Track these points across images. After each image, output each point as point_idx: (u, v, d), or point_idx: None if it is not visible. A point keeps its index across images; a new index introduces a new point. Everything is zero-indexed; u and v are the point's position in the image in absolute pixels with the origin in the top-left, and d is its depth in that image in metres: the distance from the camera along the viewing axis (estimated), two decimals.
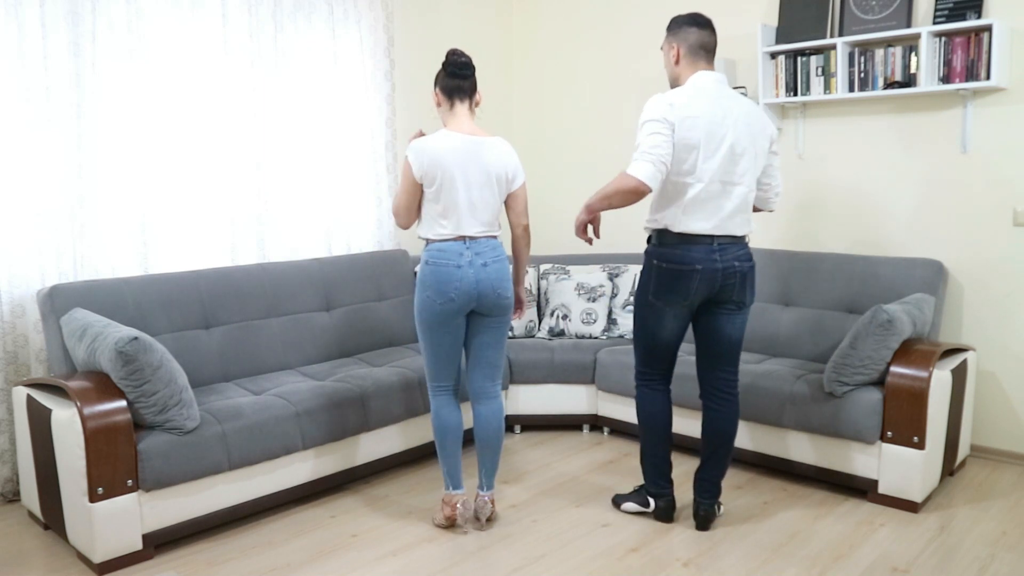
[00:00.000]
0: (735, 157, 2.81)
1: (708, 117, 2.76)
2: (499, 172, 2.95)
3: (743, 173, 2.85)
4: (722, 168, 2.80)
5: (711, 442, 3.03)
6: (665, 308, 2.92)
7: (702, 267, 2.83)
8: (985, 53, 3.50)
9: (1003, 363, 3.74)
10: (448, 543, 3.00)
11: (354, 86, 4.42)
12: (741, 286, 2.93)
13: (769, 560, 2.85)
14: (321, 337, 3.95)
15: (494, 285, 2.95)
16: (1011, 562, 2.81)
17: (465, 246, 2.92)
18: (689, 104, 2.76)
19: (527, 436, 4.19)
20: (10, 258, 3.32)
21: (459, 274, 2.89)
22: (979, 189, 3.72)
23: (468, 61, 2.95)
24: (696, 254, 2.83)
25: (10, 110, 3.26)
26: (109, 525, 2.74)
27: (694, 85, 2.83)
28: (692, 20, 2.88)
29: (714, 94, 2.82)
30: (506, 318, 3.05)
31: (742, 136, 2.82)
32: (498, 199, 2.98)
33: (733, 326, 2.98)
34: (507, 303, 3.01)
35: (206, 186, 3.86)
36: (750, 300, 3.00)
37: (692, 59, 2.88)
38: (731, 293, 2.92)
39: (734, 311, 2.97)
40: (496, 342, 3.06)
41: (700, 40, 2.87)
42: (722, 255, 2.86)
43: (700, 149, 2.76)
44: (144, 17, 3.61)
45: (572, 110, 5.17)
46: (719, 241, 2.86)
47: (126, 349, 2.73)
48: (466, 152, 2.90)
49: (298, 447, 3.22)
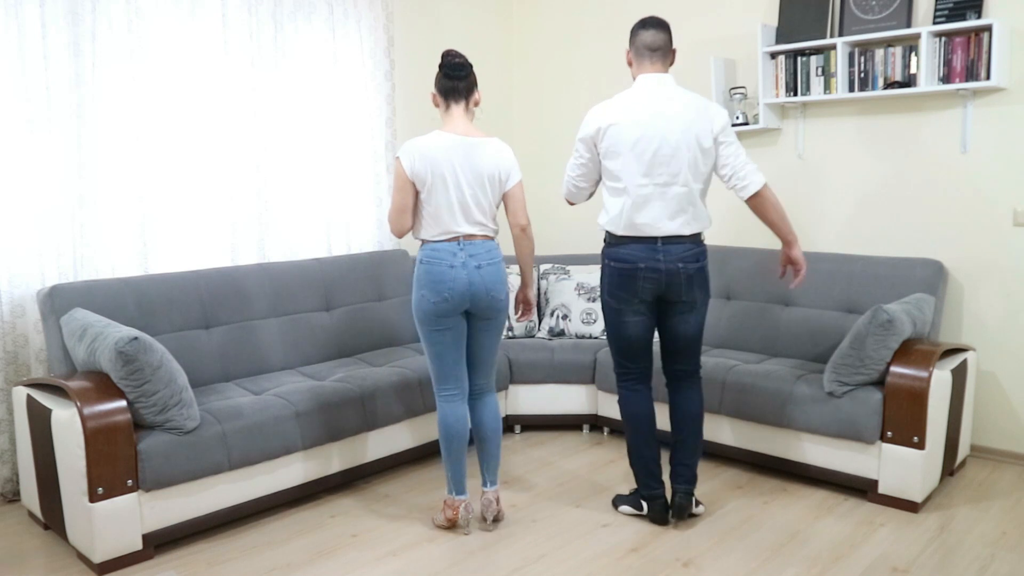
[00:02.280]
0: (664, 158, 2.85)
1: (632, 122, 2.86)
2: (491, 172, 2.94)
3: (676, 173, 2.86)
4: (650, 170, 2.86)
5: (679, 426, 3.10)
6: (621, 306, 3.00)
7: (645, 266, 2.92)
8: (985, 53, 3.50)
9: (1003, 363, 3.74)
10: (448, 543, 3.00)
11: (354, 86, 4.42)
12: (688, 286, 2.95)
13: (769, 560, 2.85)
14: (321, 337, 3.95)
15: (487, 287, 2.95)
16: (1011, 562, 2.81)
17: (459, 247, 2.93)
18: (615, 111, 2.89)
19: (527, 436, 4.19)
20: (10, 258, 3.32)
21: (452, 274, 2.90)
22: (979, 189, 3.72)
23: (462, 62, 2.94)
24: (639, 253, 2.92)
25: (10, 110, 3.26)
26: (109, 525, 2.74)
27: (633, 88, 2.94)
28: (641, 23, 2.96)
29: (646, 97, 2.89)
30: (500, 319, 3.05)
31: (672, 136, 2.84)
32: (492, 199, 2.98)
33: (687, 324, 3.02)
34: (501, 304, 3.01)
35: (206, 186, 3.86)
36: (701, 300, 3.01)
37: (639, 61, 2.96)
38: (679, 293, 2.95)
39: (687, 311, 3.00)
40: (492, 344, 3.07)
41: (644, 41, 2.92)
42: (666, 255, 2.91)
43: (626, 155, 2.87)
44: (144, 17, 3.61)
45: (572, 110, 5.17)
46: (664, 241, 2.91)
47: (126, 349, 2.73)
48: (456, 152, 2.90)
49: (298, 447, 3.22)
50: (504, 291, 3.01)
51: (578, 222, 5.17)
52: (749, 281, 4.14)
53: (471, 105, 2.99)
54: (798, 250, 3.06)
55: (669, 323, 3.05)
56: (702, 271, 2.98)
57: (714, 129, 2.90)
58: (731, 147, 2.92)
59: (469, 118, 2.99)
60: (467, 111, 2.98)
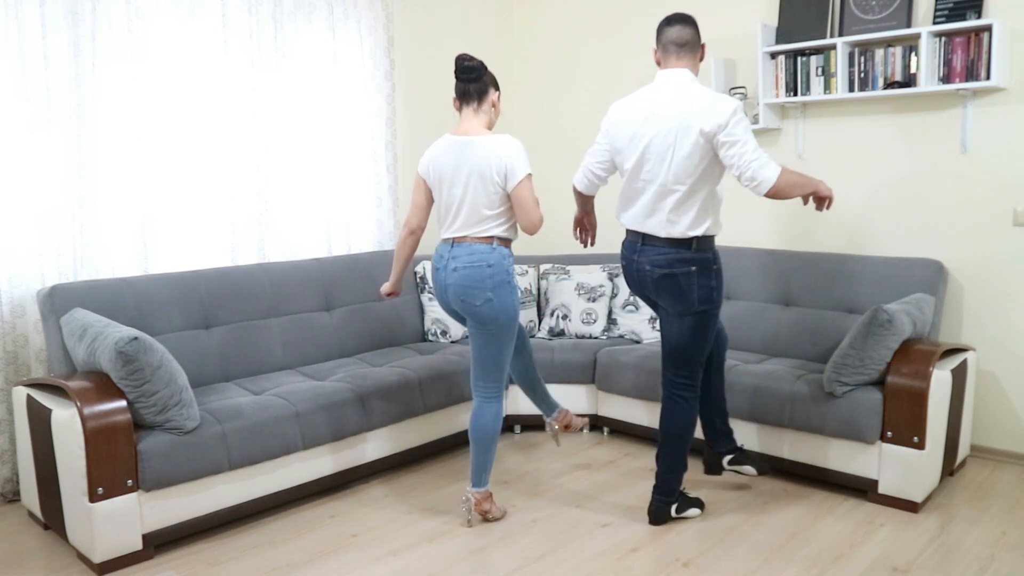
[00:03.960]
0: (649, 157, 2.85)
1: (631, 119, 2.89)
2: (482, 170, 2.88)
3: (656, 172, 2.85)
4: (638, 167, 2.89)
5: (660, 439, 3.09)
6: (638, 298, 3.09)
7: (626, 263, 3.00)
8: (985, 53, 3.50)
9: (1003, 363, 3.74)
10: (448, 543, 3.00)
11: (354, 86, 4.42)
12: (656, 291, 2.93)
13: (769, 560, 2.85)
14: (321, 337, 3.95)
15: (458, 291, 2.93)
16: (1011, 562, 2.81)
17: (449, 248, 2.97)
18: (624, 107, 2.94)
19: (527, 436, 4.19)
20: (10, 258, 3.32)
21: (437, 276, 3.01)
22: (979, 189, 3.72)
23: (472, 65, 2.94)
24: (626, 249, 3.02)
25: (10, 110, 3.26)
26: (109, 525, 2.74)
27: (651, 85, 2.95)
28: (666, 20, 2.96)
29: (651, 94, 2.89)
30: (489, 329, 2.94)
31: (660, 135, 2.82)
32: (486, 199, 2.90)
33: (671, 329, 2.99)
34: (478, 311, 2.91)
35: (206, 186, 3.86)
36: (674, 309, 2.91)
37: (665, 57, 2.96)
38: (656, 297, 2.96)
39: (667, 316, 2.98)
40: (481, 349, 3.01)
41: (670, 37, 2.92)
42: (640, 255, 2.94)
43: (623, 151, 2.93)
44: (144, 17, 3.61)
45: (572, 110, 5.17)
46: (644, 240, 2.93)
47: (126, 349, 2.73)
48: (454, 153, 2.94)
49: (298, 447, 3.22)
50: (482, 298, 2.89)
51: None
52: (749, 281, 4.14)
53: (485, 107, 2.99)
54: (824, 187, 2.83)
55: (661, 326, 3.06)
56: (671, 278, 2.85)
57: (706, 128, 2.73)
58: (734, 147, 2.72)
59: (480, 120, 2.98)
60: (478, 113, 2.98)
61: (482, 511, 3.13)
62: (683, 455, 3.06)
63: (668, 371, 3.06)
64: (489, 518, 3.16)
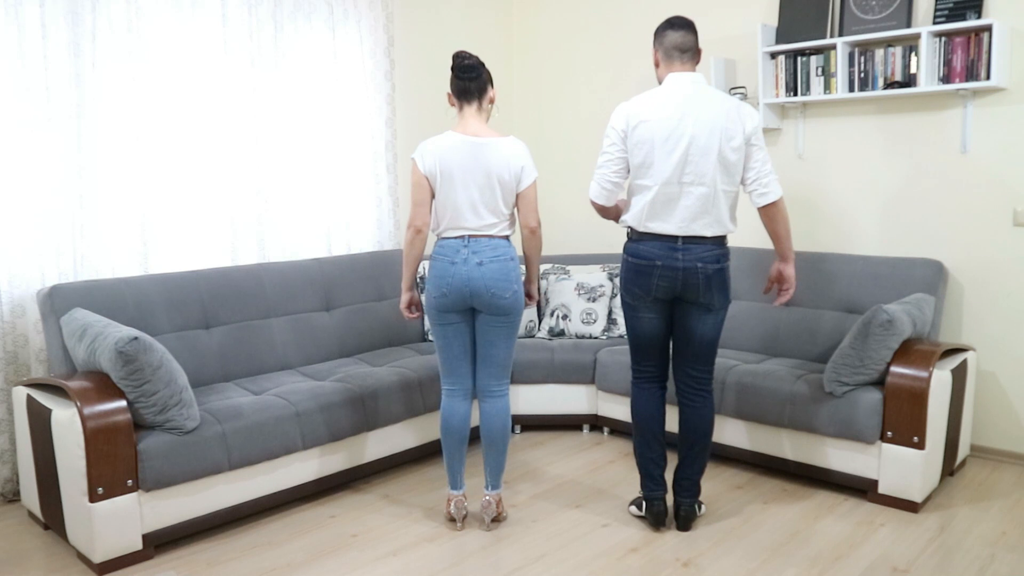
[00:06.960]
0: (692, 158, 2.83)
1: (662, 120, 2.85)
2: (500, 172, 2.94)
3: (703, 174, 2.84)
4: (678, 169, 2.85)
5: (686, 440, 3.05)
6: (635, 302, 3.01)
7: (662, 263, 2.90)
8: (985, 53, 3.50)
9: (1003, 363, 3.74)
10: (448, 543, 3.00)
11: (354, 86, 4.42)
12: (706, 288, 2.92)
13: (769, 560, 2.85)
14: (321, 337, 3.95)
15: (488, 284, 2.94)
16: (1011, 562, 2.81)
17: (463, 244, 2.95)
18: (645, 108, 2.88)
19: (527, 436, 4.19)
20: (10, 258, 3.32)
21: (452, 271, 2.94)
22: (979, 189, 3.72)
23: (473, 63, 2.95)
24: (657, 250, 2.92)
25: (10, 110, 3.26)
26: (109, 525, 2.74)
27: (663, 87, 2.93)
28: (668, 23, 2.95)
29: (678, 96, 2.87)
30: (510, 319, 3.02)
31: (702, 137, 2.82)
32: (503, 199, 2.97)
33: (704, 325, 2.99)
34: (505, 303, 2.98)
35: (206, 186, 3.86)
36: (719, 303, 2.96)
37: (667, 61, 2.95)
38: (696, 294, 2.93)
39: (703, 312, 2.97)
40: (499, 341, 3.05)
41: (673, 42, 2.92)
42: (685, 254, 2.89)
43: (654, 152, 2.87)
44: (144, 17, 3.61)
45: (572, 110, 5.17)
46: (684, 240, 2.89)
47: (126, 349, 2.73)
48: (465, 153, 2.92)
49: (298, 447, 3.22)
50: (510, 290, 2.97)
51: (578, 222, 5.17)
52: (749, 281, 4.14)
53: (485, 104, 3.00)
54: (792, 269, 3.05)
55: (685, 324, 3.00)
56: (721, 273, 2.93)
57: (746, 131, 2.86)
58: (761, 152, 2.89)
59: (483, 118, 2.99)
60: (480, 111, 2.99)
61: (500, 512, 3.13)
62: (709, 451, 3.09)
63: (692, 369, 3.03)
64: (500, 519, 3.16)
